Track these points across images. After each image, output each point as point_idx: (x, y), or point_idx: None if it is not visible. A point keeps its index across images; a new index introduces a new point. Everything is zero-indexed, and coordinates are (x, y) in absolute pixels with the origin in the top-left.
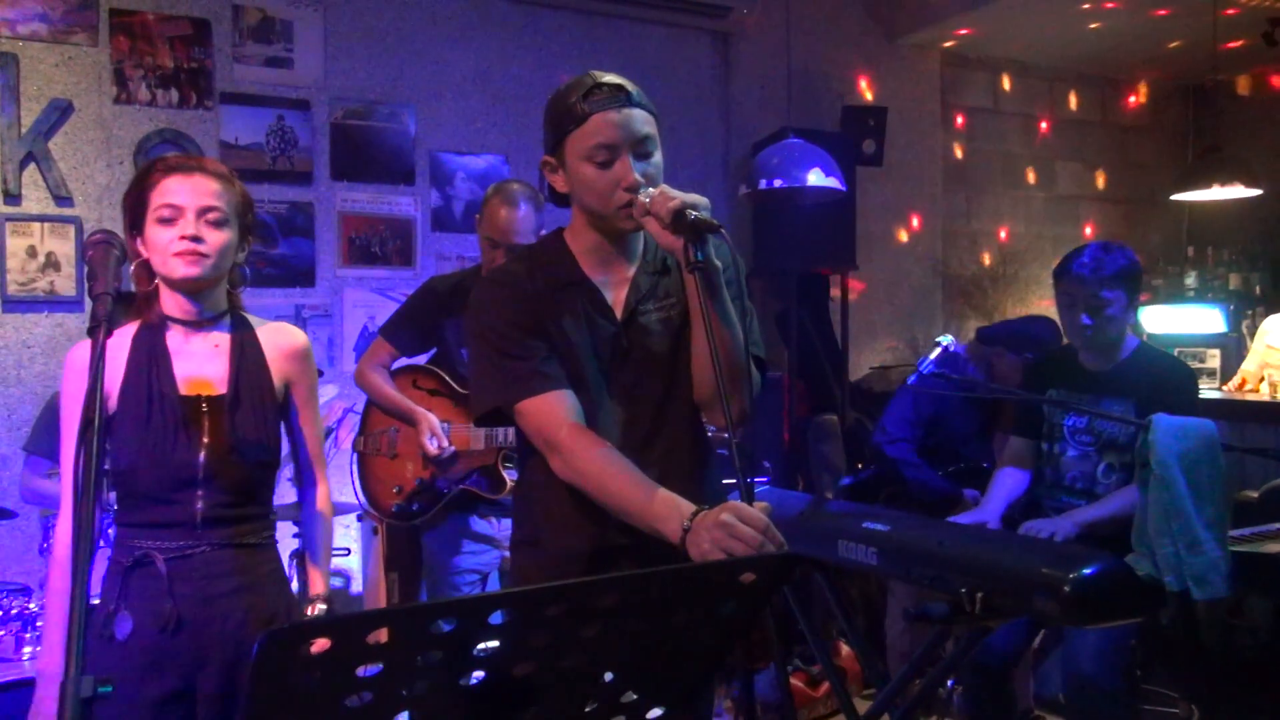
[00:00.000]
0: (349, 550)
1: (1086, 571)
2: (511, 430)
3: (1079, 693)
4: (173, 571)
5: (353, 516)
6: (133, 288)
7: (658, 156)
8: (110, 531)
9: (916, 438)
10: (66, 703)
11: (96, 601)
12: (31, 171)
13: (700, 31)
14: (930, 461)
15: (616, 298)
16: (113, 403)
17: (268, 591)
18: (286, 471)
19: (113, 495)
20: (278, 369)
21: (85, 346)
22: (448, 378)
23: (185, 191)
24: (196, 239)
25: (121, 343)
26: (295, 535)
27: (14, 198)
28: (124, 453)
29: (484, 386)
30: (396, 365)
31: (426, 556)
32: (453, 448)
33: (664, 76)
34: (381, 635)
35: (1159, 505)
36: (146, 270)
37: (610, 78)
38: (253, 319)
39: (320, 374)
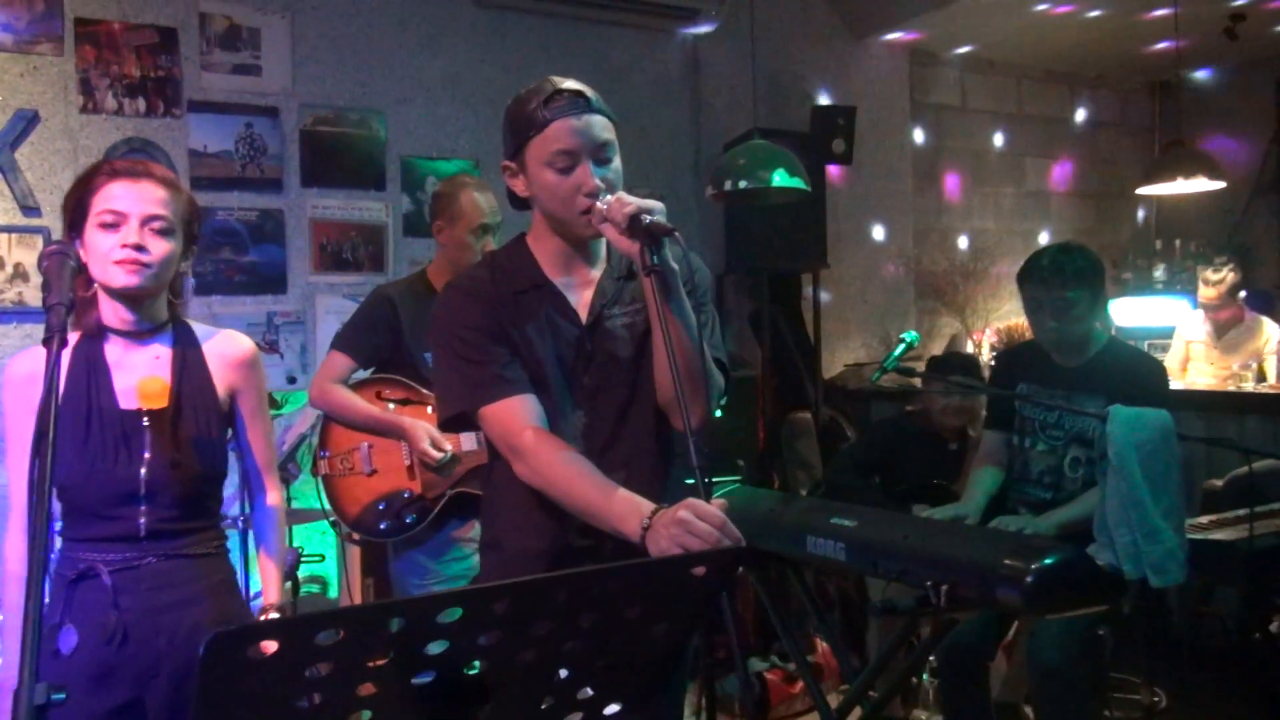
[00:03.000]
0: (324, 556)
1: (1047, 562)
2: None
3: (1045, 682)
4: (117, 584)
5: (325, 522)
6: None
7: (617, 162)
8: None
9: (863, 484)
10: (20, 710)
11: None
12: None
13: (668, 34)
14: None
15: (581, 301)
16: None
17: (218, 601)
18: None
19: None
20: (222, 379)
21: (26, 357)
22: (415, 384)
23: (130, 198)
24: (139, 248)
25: (61, 354)
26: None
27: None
28: (64, 468)
29: (448, 392)
30: (353, 381)
31: (395, 580)
32: (452, 451)
33: (633, 79)
34: (331, 636)
35: (1116, 495)
36: (84, 276)
37: (570, 84)
38: (198, 328)
39: (293, 380)
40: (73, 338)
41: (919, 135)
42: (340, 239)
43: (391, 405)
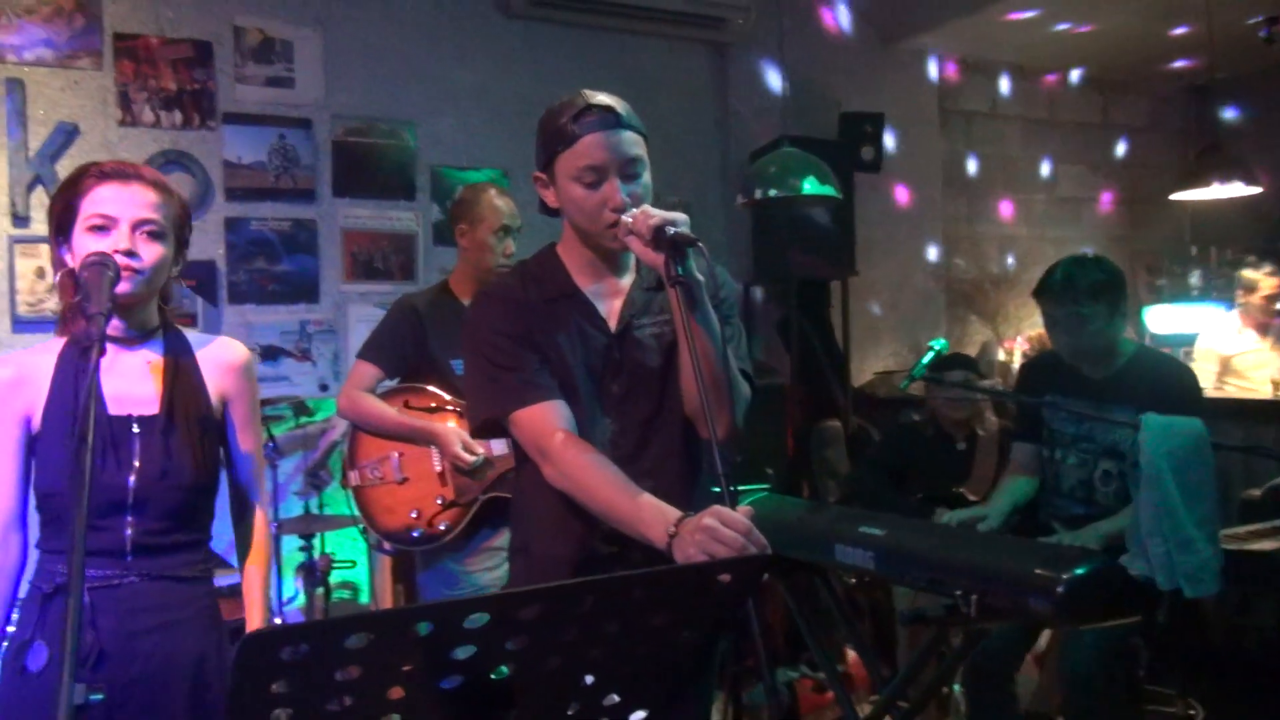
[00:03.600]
0: (354, 562)
1: (1079, 571)
2: None
3: (1077, 694)
4: (96, 602)
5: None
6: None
7: (646, 177)
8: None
9: (883, 486)
10: (60, 710)
11: (11, 629)
12: (39, 194)
13: (696, 43)
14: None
15: (610, 310)
16: (37, 422)
17: (195, 631)
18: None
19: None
20: (215, 386)
21: (6, 364)
22: (442, 392)
23: (120, 201)
24: (130, 253)
25: (45, 360)
26: (301, 548)
27: (22, 220)
28: (48, 475)
29: (479, 398)
30: (380, 390)
31: (423, 590)
32: (484, 454)
33: (661, 88)
34: (360, 640)
35: (1149, 505)
36: (72, 281)
37: (601, 98)
38: (191, 335)
39: (325, 388)
40: (58, 344)
41: (948, 141)
42: (371, 248)
43: (419, 413)
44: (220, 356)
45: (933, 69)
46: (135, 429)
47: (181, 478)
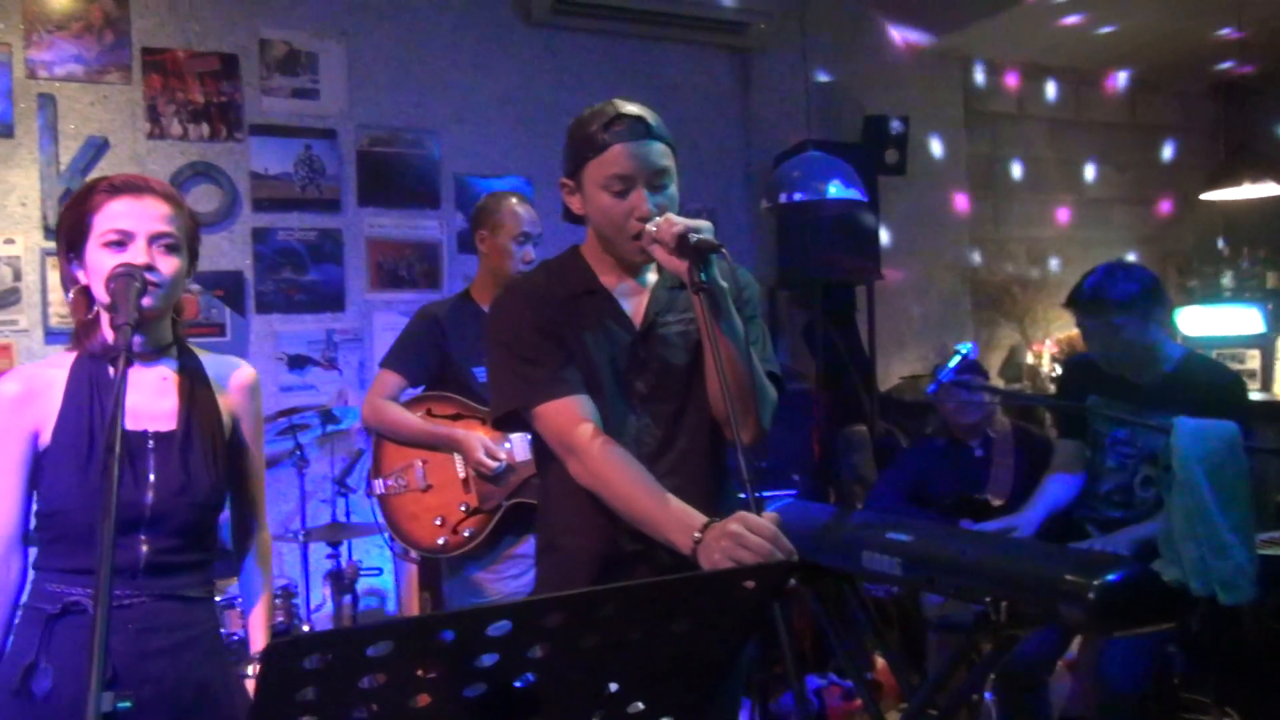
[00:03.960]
0: (381, 570)
1: (1111, 578)
2: None
3: (1111, 702)
4: (110, 623)
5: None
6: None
7: (673, 189)
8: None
9: (900, 507)
10: (89, 716)
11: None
12: None
13: (719, 48)
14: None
15: (635, 308)
16: (45, 438)
17: (202, 653)
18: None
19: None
20: (226, 404)
21: (16, 377)
22: (465, 399)
23: (135, 215)
24: (149, 268)
25: (56, 375)
26: (329, 555)
27: (54, 233)
28: (59, 491)
29: (502, 390)
30: (403, 399)
31: (449, 599)
32: (506, 460)
33: (684, 94)
34: (384, 648)
35: (1182, 509)
36: (86, 298)
37: (632, 108)
38: (199, 351)
39: (347, 401)
40: (68, 358)
41: (973, 144)
42: (396, 257)
43: (442, 420)
44: (230, 375)
45: (958, 70)
46: (151, 444)
47: (198, 495)
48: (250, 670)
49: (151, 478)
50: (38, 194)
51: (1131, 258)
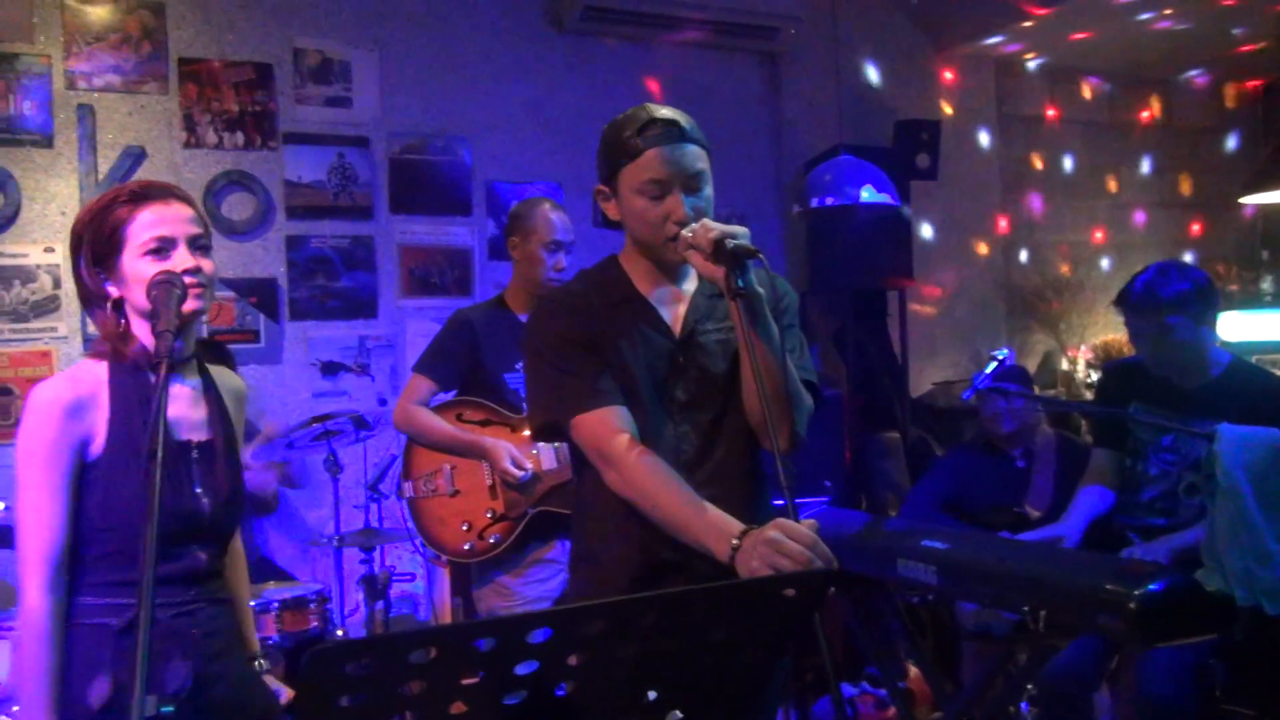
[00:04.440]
0: (414, 575)
1: (1153, 588)
2: None
3: (1152, 716)
4: (178, 629)
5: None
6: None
7: (708, 191)
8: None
9: (935, 517)
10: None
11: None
12: None
13: (749, 53)
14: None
15: (674, 315)
16: (96, 448)
17: (237, 653)
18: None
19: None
20: (232, 413)
21: (55, 385)
22: (496, 405)
23: (170, 221)
24: (196, 270)
25: (97, 383)
26: (362, 561)
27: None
28: (118, 504)
29: (540, 401)
30: (435, 404)
31: (477, 603)
32: (533, 470)
33: (714, 99)
34: (426, 654)
35: (1226, 517)
36: (117, 310)
37: (665, 112)
38: (204, 363)
39: (384, 403)
40: (98, 366)
41: (1006, 147)
42: (428, 264)
43: (472, 426)
44: (230, 385)
45: (991, 73)
46: (195, 454)
47: (240, 501)
48: (261, 666)
49: (198, 489)
50: (77, 203)
51: None
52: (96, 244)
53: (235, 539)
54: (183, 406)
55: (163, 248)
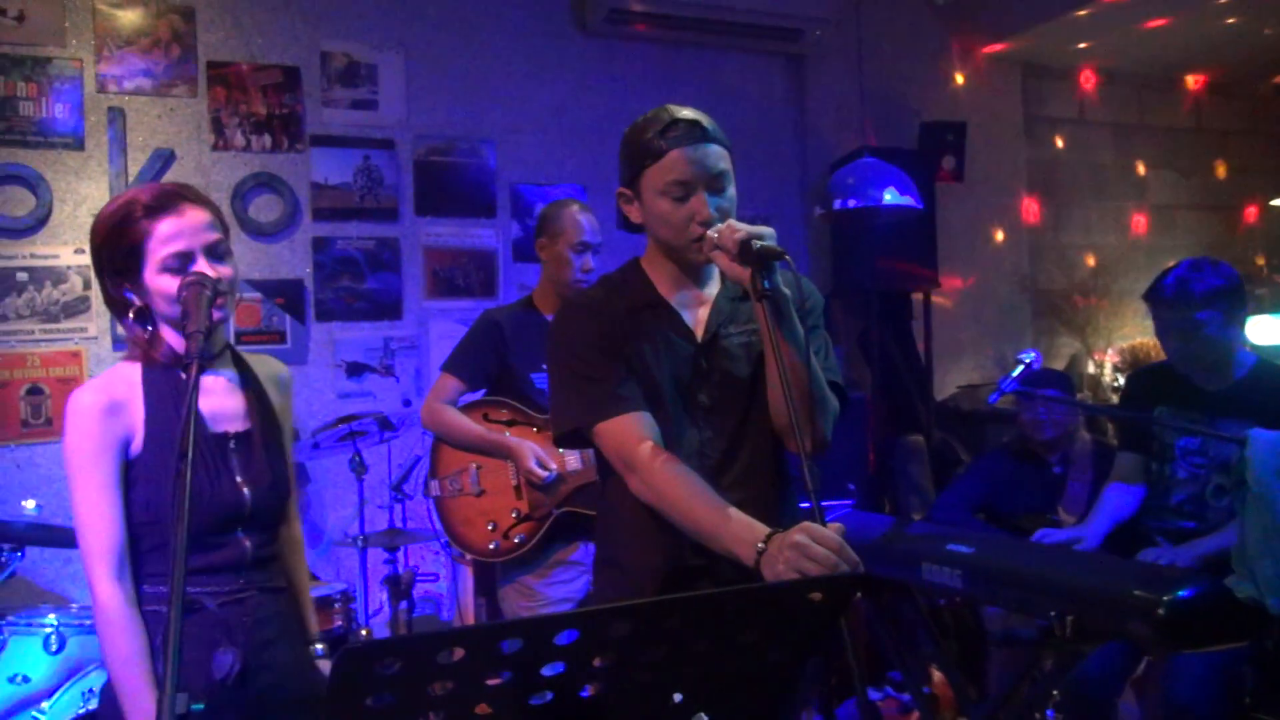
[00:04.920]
0: (437, 576)
1: (1182, 594)
2: None
3: None
4: (229, 617)
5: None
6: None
7: (731, 191)
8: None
9: (966, 520)
10: (162, 718)
11: None
12: None
13: (774, 55)
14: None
15: (697, 319)
16: (136, 446)
17: (296, 642)
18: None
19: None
20: (276, 400)
21: (94, 389)
22: (522, 406)
23: (188, 233)
24: (216, 281)
25: (131, 384)
26: (386, 560)
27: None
28: (159, 500)
29: (563, 408)
30: (462, 403)
31: (502, 603)
32: (557, 470)
33: (739, 101)
34: (453, 655)
35: (1258, 524)
36: (144, 317)
37: (687, 112)
38: (242, 352)
39: (408, 404)
40: (130, 368)
41: (1033, 149)
42: (453, 265)
43: (498, 426)
44: (271, 372)
45: (1017, 75)
46: (232, 445)
47: (282, 488)
48: (317, 650)
49: (238, 478)
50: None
51: None
52: (115, 260)
53: (294, 525)
54: (218, 399)
55: (181, 265)
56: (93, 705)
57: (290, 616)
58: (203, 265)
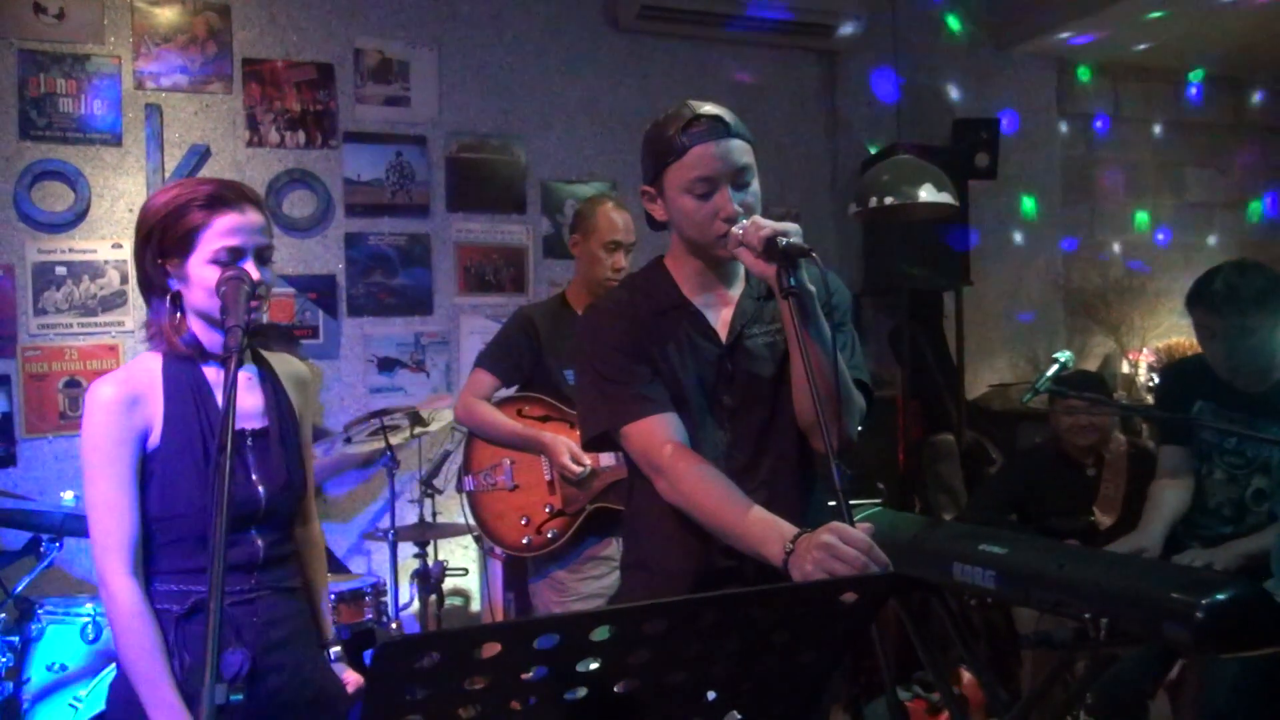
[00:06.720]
0: (467, 570)
1: (1220, 597)
2: None
3: None
4: (238, 616)
5: (469, 537)
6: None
7: (755, 185)
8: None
9: (999, 520)
10: (203, 709)
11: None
12: None
13: (805, 51)
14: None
15: (721, 321)
16: (154, 439)
17: (308, 645)
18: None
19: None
20: (294, 400)
21: (113, 381)
22: (555, 402)
23: (244, 231)
24: (259, 284)
25: (150, 377)
26: (416, 554)
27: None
28: (176, 494)
29: (590, 412)
30: (496, 399)
31: (533, 597)
32: (591, 465)
33: (770, 97)
34: (490, 650)
35: None
36: (177, 303)
37: (708, 108)
38: (260, 350)
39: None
40: (152, 359)
41: (1066, 146)
42: (483, 261)
43: (531, 421)
44: (293, 372)
45: (1052, 72)
46: (249, 442)
47: (297, 488)
48: (331, 655)
49: (253, 475)
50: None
51: None
52: (166, 240)
53: (312, 526)
54: (238, 395)
55: (230, 260)
56: None
57: (303, 618)
58: (250, 265)
